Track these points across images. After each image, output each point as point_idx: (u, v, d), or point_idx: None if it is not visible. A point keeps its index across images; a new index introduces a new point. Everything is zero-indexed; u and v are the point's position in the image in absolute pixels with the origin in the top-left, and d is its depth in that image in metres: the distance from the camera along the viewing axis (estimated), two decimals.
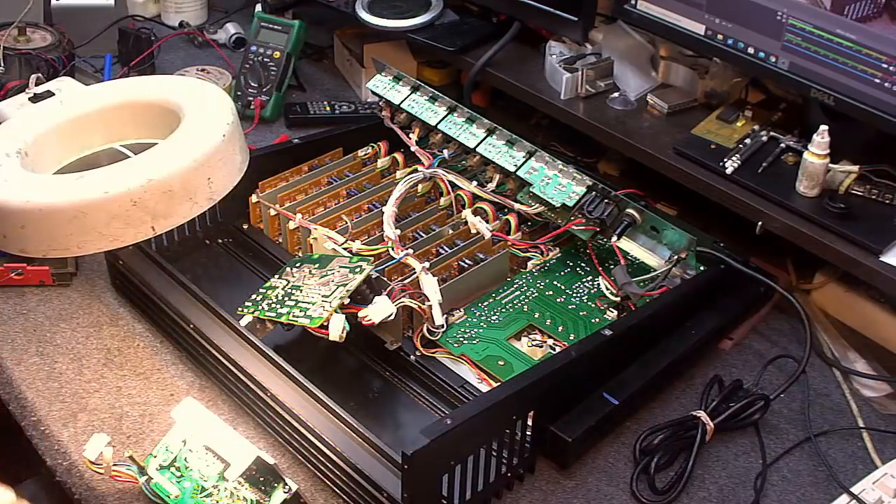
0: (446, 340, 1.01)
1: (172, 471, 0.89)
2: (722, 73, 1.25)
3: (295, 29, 1.50)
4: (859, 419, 1.03)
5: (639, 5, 1.22)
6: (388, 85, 1.23)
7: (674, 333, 1.05)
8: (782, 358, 1.07)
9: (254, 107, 1.46)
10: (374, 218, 1.13)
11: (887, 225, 1.05)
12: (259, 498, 0.86)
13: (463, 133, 1.16)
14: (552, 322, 1.04)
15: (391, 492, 0.83)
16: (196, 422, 0.90)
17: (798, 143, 1.14)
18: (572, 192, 1.07)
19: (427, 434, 0.80)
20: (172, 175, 1.01)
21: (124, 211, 1.00)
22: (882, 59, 1.00)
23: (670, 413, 1.01)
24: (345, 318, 0.94)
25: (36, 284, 1.14)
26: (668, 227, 1.06)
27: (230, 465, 0.87)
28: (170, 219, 1.03)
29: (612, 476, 0.95)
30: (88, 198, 0.99)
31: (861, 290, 1.11)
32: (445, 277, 1.05)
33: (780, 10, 1.07)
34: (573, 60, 1.31)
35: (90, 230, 1.00)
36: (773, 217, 1.09)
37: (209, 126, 1.07)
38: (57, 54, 1.47)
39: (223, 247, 1.19)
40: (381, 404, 1.00)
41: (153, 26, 1.66)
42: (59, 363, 1.05)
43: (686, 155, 1.18)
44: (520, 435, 0.90)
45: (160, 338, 1.08)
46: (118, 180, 1.00)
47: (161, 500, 0.88)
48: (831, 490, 0.94)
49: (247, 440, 0.91)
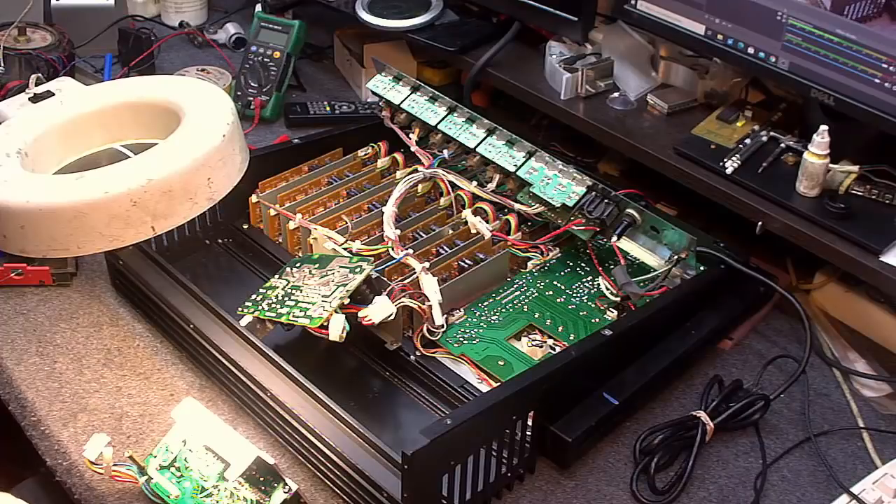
0: (446, 340, 1.01)
1: (172, 471, 0.89)
2: (722, 73, 1.25)
3: (295, 29, 1.50)
4: (859, 419, 1.03)
5: (639, 5, 1.22)
6: (388, 85, 1.23)
7: (674, 333, 1.05)
8: (782, 358, 1.07)
9: (254, 107, 1.46)
10: (374, 218, 1.13)
11: (887, 225, 1.05)
12: (259, 498, 0.86)
13: (463, 133, 1.16)
14: (552, 322, 1.04)
15: (391, 492, 0.83)
16: (196, 422, 0.90)
17: (798, 143, 1.14)
18: (572, 192, 1.07)
19: (427, 434, 0.80)
20: (172, 175, 1.01)
21: (124, 211, 1.00)
22: (882, 59, 1.00)
23: (670, 413, 1.01)
24: (345, 319, 0.94)
25: (36, 284, 1.14)
26: (668, 227, 1.06)
27: (230, 465, 0.87)
28: (170, 219, 1.03)
29: (612, 476, 0.95)
30: (88, 198, 0.99)
31: (861, 290, 1.11)
32: (445, 277, 1.05)
33: (780, 11, 1.07)
34: (573, 60, 1.31)
35: (90, 230, 1.00)
36: (773, 217, 1.09)
37: (209, 126, 1.07)
38: (57, 54, 1.47)
39: (223, 247, 1.19)
40: (381, 404, 1.00)
41: (153, 26, 1.66)
42: (59, 363, 1.05)
43: (686, 155, 1.17)
44: (520, 435, 0.90)
45: (160, 338, 1.08)
46: (118, 180, 1.00)
47: (161, 500, 0.88)
48: (831, 490, 0.94)
49: (247, 440, 0.91)
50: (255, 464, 0.87)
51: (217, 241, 1.19)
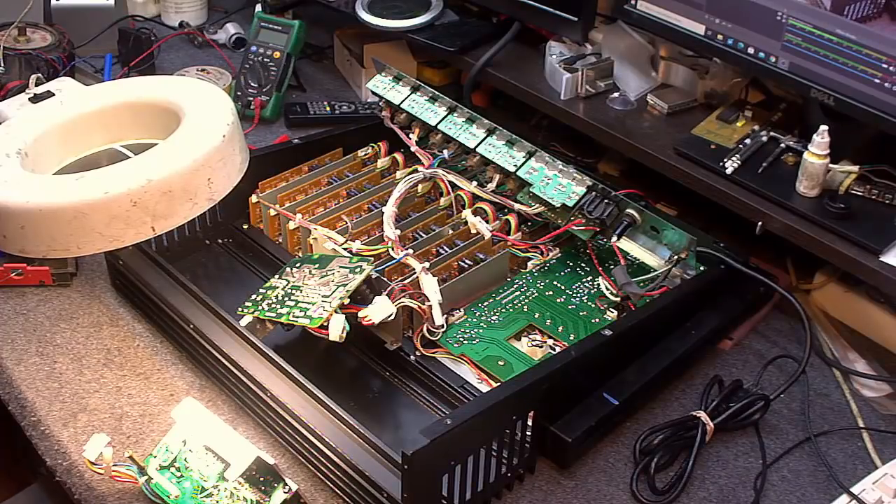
0: (446, 340, 1.01)
1: (172, 471, 0.89)
2: (722, 73, 1.25)
3: (295, 29, 1.50)
4: (859, 419, 1.03)
5: (639, 5, 1.22)
6: (388, 85, 1.23)
7: (674, 333, 1.05)
8: (782, 358, 1.07)
9: (254, 107, 1.46)
10: (374, 218, 1.13)
11: (887, 225, 1.05)
12: (259, 498, 0.86)
13: (463, 133, 1.16)
14: (552, 322, 1.04)
15: (391, 492, 0.83)
16: (196, 422, 0.90)
17: (798, 143, 1.14)
18: (572, 193, 1.07)
19: (427, 434, 0.80)
20: (172, 175, 1.01)
21: (124, 211, 1.00)
22: (882, 59, 1.00)
23: (670, 413, 1.01)
24: (345, 319, 0.95)
25: (36, 284, 1.14)
26: (668, 227, 1.06)
27: (230, 465, 0.87)
28: (170, 219, 1.03)
29: (612, 476, 0.95)
30: (88, 198, 0.99)
31: (861, 290, 1.11)
32: (445, 277, 1.05)
33: (780, 11, 1.07)
34: (573, 60, 1.31)
35: (90, 231, 1.00)
36: (773, 217, 1.09)
37: (209, 126, 1.07)
38: (57, 54, 1.47)
39: (223, 247, 1.19)
40: (381, 404, 1.00)
41: (153, 26, 1.66)
42: (59, 363, 1.05)
43: (686, 155, 1.17)
44: (520, 435, 0.90)
45: (160, 338, 1.08)
46: (118, 181, 1.00)
47: (161, 500, 0.88)
48: (831, 490, 0.94)
49: (247, 440, 0.91)
50: (255, 464, 0.87)
51: (217, 242, 1.19)
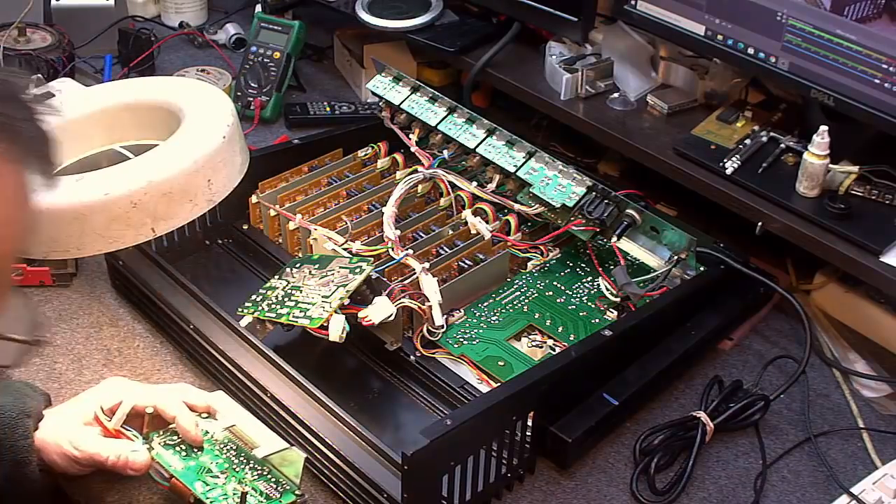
0: (446, 341, 1.01)
1: (178, 449, 0.88)
2: (722, 73, 1.25)
3: (295, 29, 1.50)
4: (859, 419, 1.03)
5: (639, 5, 1.22)
6: (388, 85, 1.23)
7: (674, 334, 1.05)
8: (782, 358, 1.07)
9: (254, 107, 1.46)
10: (374, 218, 1.13)
11: (887, 225, 1.05)
12: (269, 493, 0.85)
13: (463, 134, 1.16)
14: (552, 322, 1.04)
15: (391, 492, 0.84)
16: (229, 411, 0.90)
17: (798, 143, 1.13)
18: (572, 193, 1.07)
19: (427, 435, 0.80)
20: (172, 177, 1.01)
21: (124, 213, 1.00)
22: (882, 59, 1.00)
23: (670, 413, 1.01)
24: (345, 319, 0.95)
25: (36, 285, 1.14)
26: (668, 227, 1.06)
27: (259, 447, 0.87)
28: (170, 220, 1.03)
29: (612, 476, 0.95)
30: (89, 200, 0.99)
31: (861, 291, 1.11)
32: (445, 278, 1.05)
33: (779, 11, 1.07)
34: (573, 61, 1.31)
35: (90, 232, 1.00)
36: (773, 217, 1.09)
37: (209, 127, 1.07)
38: (57, 55, 1.47)
39: (223, 247, 1.19)
40: (381, 405, 1.00)
41: (153, 27, 1.66)
42: (59, 363, 1.05)
43: (686, 155, 1.17)
44: (520, 435, 0.90)
45: (160, 338, 1.08)
46: (118, 182, 1.00)
47: (161, 469, 0.87)
48: (831, 490, 0.94)
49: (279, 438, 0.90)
50: (287, 457, 0.86)
51: (217, 242, 1.19)
